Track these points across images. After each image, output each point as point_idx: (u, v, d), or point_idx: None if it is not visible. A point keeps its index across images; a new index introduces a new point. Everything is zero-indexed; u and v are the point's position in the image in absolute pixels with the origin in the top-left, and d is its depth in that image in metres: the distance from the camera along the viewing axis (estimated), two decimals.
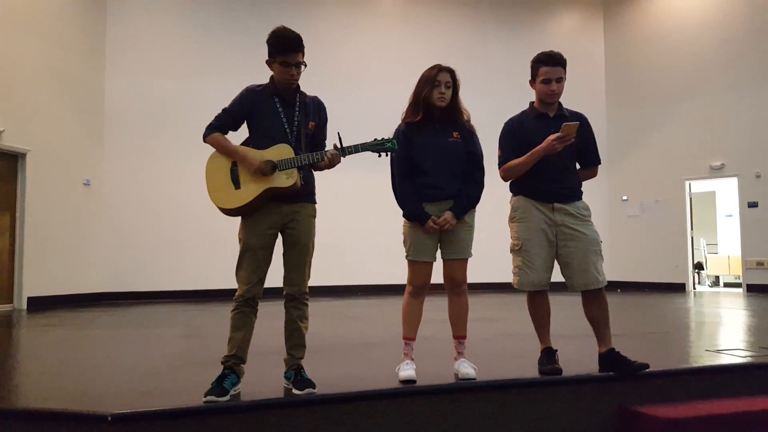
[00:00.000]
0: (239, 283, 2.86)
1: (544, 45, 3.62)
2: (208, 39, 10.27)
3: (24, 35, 8.23)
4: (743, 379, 3.37)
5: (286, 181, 2.80)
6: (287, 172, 2.81)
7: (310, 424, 2.64)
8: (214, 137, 2.90)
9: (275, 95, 2.93)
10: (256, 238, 2.84)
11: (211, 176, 2.88)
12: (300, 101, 2.97)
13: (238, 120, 2.95)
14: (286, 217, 2.88)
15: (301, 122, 2.93)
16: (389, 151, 2.95)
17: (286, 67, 2.85)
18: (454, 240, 3.11)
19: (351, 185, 10.36)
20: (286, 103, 2.93)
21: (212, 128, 2.91)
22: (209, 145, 2.92)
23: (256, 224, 2.85)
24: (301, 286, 2.93)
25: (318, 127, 3.03)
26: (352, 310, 7.57)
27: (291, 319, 2.94)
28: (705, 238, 13.63)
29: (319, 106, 3.07)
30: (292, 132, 2.91)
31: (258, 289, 2.86)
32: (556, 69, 3.19)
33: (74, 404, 2.68)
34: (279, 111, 2.91)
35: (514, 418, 2.93)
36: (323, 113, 3.08)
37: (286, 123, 2.91)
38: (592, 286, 3.14)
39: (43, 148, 8.40)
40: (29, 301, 8.11)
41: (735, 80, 10.75)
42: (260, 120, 2.92)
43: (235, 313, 2.85)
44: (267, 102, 2.92)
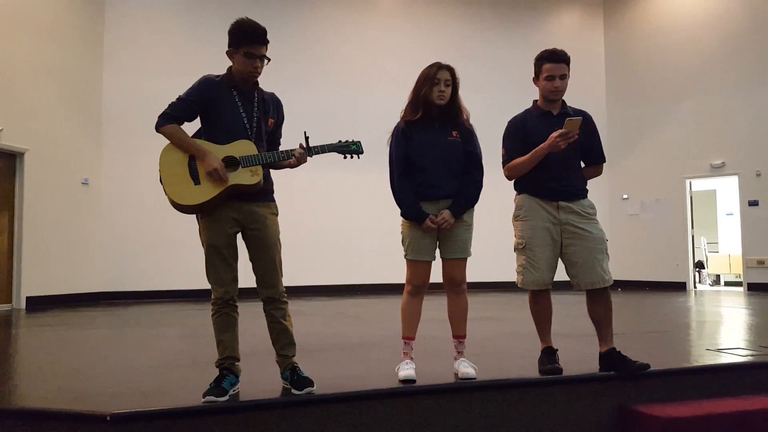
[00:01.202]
0: (213, 285, 2.78)
1: (544, 43, 3.61)
2: (205, 37, 10.24)
3: (22, 34, 8.21)
4: (744, 379, 3.36)
5: (250, 178, 2.71)
6: (252, 169, 2.71)
7: (309, 423, 2.63)
8: (171, 128, 2.72)
9: (233, 88, 2.81)
10: (219, 238, 2.75)
11: (167, 170, 2.71)
12: (258, 97, 2.87)
13: (195, 110, 2.78)
14: (246, 217, 2.78)
15: (260, 118, 2.84)
16: (354, 153, 2.93)
17: (251, 58, 2.74)
18: (453, 239, 3.10)
19: (349, 184, 10.35)
20: (245, 98, 2.82)
21: (167, 118, 2.73)
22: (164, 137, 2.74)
23: (218, 224, 2.75)
24: (278, 286, 2.86)
25: (276, 125, 2.96)
26: (352, 310, 7.56)
27: (274, 320, 2.87)
28: (706, 236, 13.62)
29: (278, 103, 2.98)
30: (252, 128, 2.81)
31: (234, 287, 2.80)
32: (559, 66, 3.18)
33: (73, 404, 2.67)
34: (238, 105, 2.80)
35: (514, 418, 2.92)
36: (281, 111, 2.99)
37: (245, 118, 2.80)
38: (598, 285, 3.13)
39: (42, 148, 8.39)
40: (28, 300, 8.10)
41: (735, 78, 10.74)
42: (217, 112, 2.78)
43: (218, 316, 2.79)
44: (225, 94, 2.80)
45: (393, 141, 3.16)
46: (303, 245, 9.68)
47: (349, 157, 2.98)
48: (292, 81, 9.58)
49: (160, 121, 2.75)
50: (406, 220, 3.13)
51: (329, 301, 8.83)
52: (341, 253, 10.58)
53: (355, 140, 2.97)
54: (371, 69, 11.20)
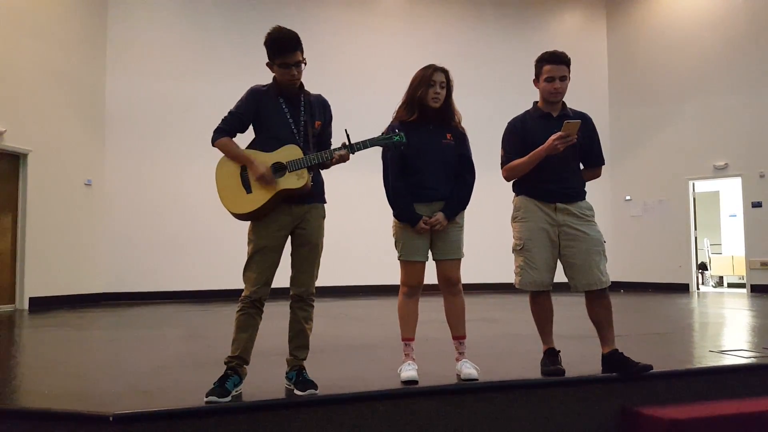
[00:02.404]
0: (246, 283, 2.84)
1: (546, 44, 3.61)
2: (208, 39, 10.26)
3: (25, 36, 8.24)
4: (747, 380, 3.35)
5: (297, 182, 2.79)
6: (298, 172, 2.80)
7: (311, 425, 2.63)
8: (223, 142, 2.86)
9: (280, 96, 2.91)
10: (267, 240, 2.83)
11: (222, 181, 2.86)
12: (305, 101, 2.96)
13: (246, 122, 2.91)
14: (297, 218, 2.87)
15: (307, 122, 2.92)
16: (397, 145, 2.93)
17: (286, 68, 2.83)
18: (447, 240, 3.10)
19: (352, 185, 10.35)
20: (291, 104, 2.92)
21: (220, 132, 2.88)
22: (218, 150, 2.89)
23: (268, 226, 2.84)
24: (310, 286, 2.92)
25: (323, 125, 3.02)
26: (354, 311, 7.56)
27: (296, 319, 2.93)
28: (709, 238, 13.59)
29: (324, 104, 3.06)
30: (299, 132, 2.90)
31: (265, 290, 2.85)
32: (559, 67, 3.18)
33: (76, 404, 2.68)
34: (285, 111, 2.90)
35: (516, 419, 2.91)
36: (328, 111, 3.07)
37: (292, 123, 2.90)
38: (596, 286, 3.13)
39: (45, 149, 8.41)
40: (31, 301, 8.12)
41: (738, 79, 10.72)
42: (266, 121, 2.90)
43: (241, 314, 2.83)
44: (272, 103, 2.90)
45: None
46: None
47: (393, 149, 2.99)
48: None
49: (214, 136, 2.90)
50: (398, 222, 3.13)
51: (332, 302, 8.83)
52: (343, 255, 10.55)
53: (398, 132, 2.97)
54: (372, 69, 11.20)
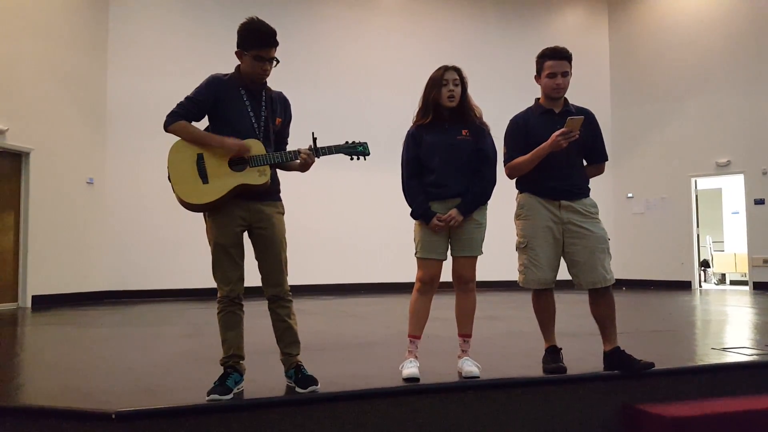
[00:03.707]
0: (220, 284, 2.80)
1: (547, 42, 3.60)
2: (209, 37, 10.25)
3: (26, 35, 8.24)
4: (749, 378, 3.35)
5: (258, 178, 2.73)
6: (260, 168, 2.73)
7: (313, 422, 2.64)
8: (181, 125, 2.74)
9: (241, 87, 2.82)
10: (228, 237, 2.77)
11: (175, 168, 2.72)
12: (266, 96, 2.88)
13: (203, 110, 2.80)
14: (253, 216, 2.81)
15: (268, 117, 2.86)
16: (360, 155, 2.94)
17: (260, 61, 2.75)
18: (464, 237, 3.10)
19: (353, 183, 10.35)
20: (252, 97, 2.84)
21: (176, 116, 2.75)
22: (174, 135, 2.76)
23: (227, 223, 2.77)
24: (284, 284, 2.88)
25: (284, 124, 2.96)
26: (355, 309, 7.56)
27: (279, 318, 2.88)
28: (711, 235, 13.56)
29: (285, 102, 2.99)
30: (260, 127, 2.83)
31: (240, 286, 2.82)
32: (561, 63, 3.17)
33: (78, 402, 2.69)
34: (246, 104, 2.81)
35: (518, 417, 2.91)
36: (289, 110, 3.01)
37: (253, 117, 2.82)
38: (600, 284, 3.12)
39: (47, 147, 8.42)
40: (33, 299, 8.13)
41: (741, 76, 10.69)
42: (225, 112, 2.79)
43: (223, 314, 2.80)
44: (233, 93, 2.81)
45: (404, 145, 3.20)
46: (307, 244, 9.67)
47: (355, 158, 2.99)
48: (293, 80, 9.55)
49: (168, 120, 2.77)
50: (415, 219, 3.14)
51: (333, 300, 8.83)
52: (345, 253, 10.58)
53: (362, 141, 2.98)
54: (373, 68, 11.18)
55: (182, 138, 2.76)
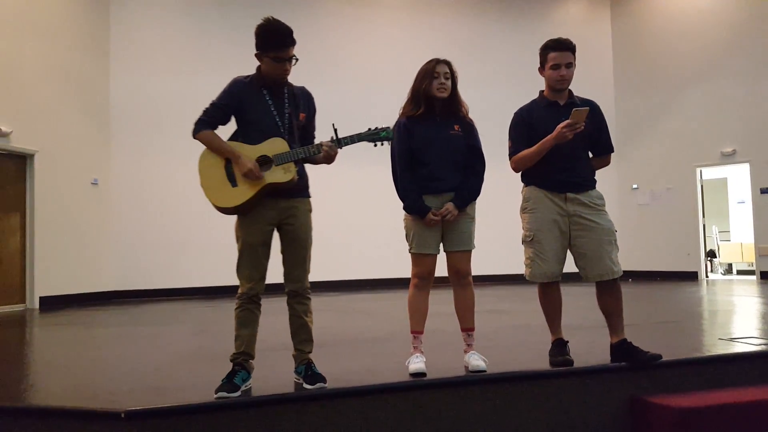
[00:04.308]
0: (241, 280, 2.85)
1: (550, 33, 3.58)
2: (211, 36, 10.25)
3: (28, 36, 8.26)
4: (757, 368, 3.33)
5: (283, 176, 2.76)
6: (284, 166, 2.76)
7: (321, 418, 2.64)
8: (206, 134, 2.80)
9: (263, 87, 2.85)
10: (255, 236, 2.81)
11: (206, 174, 2.80)
12: (288, 92, 2.90)
13: (228, 114, 2.84)
14: (283, 213, 2.85)
15: (291, 114, 2.87)
16: (384, 140, 2.92)
17: (279, 62, 2.78)
18: (457, 232, 3.10)
19: (358, 178, 10.35)
20: (275, 96, 2.86)
21: (202, 124, 2.82)
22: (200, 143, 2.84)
23: (254, 221, 2.81)
24: (304, 281, 2.92)
25: (308, 118, 2.98)
26: (361, 305, 7.57)
27: (296, 314, 2.92)
28: (717, 225, 13.50)
29: (308, 96, 3.01)
30: (284, 125, 2.85)
31: (261, 285, 2.85)
32: (565, 54, 3.15)
33: (88, 402, 2.71)
34: (269, 104, 2.84)
35: (525, 410, 2.91)
36: (312, 104, 3.02)
37: (277, 116, 2.84)
38: (607, 276, 3.11)
39: (51, 149, 8.44)
40: (41, 300, 8.17)
41: (745, 65, 10.61)
42: (249, 113, 2.84)
43: (240, 310, 2.84)
44: (256, 94, 2.84)
45: (395, 136, 3.14)
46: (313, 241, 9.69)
47: (379, 144, 2.98)
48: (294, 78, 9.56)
49: (195, 128, 2.84)
50: (408, 214, 3.13)
51: (339, 296, 8.85)
52: (351, 249, 10.58)
53: (384, 126, 2.95)
54: (374, 64, 11.15)
55: (207, 147, 2.83)
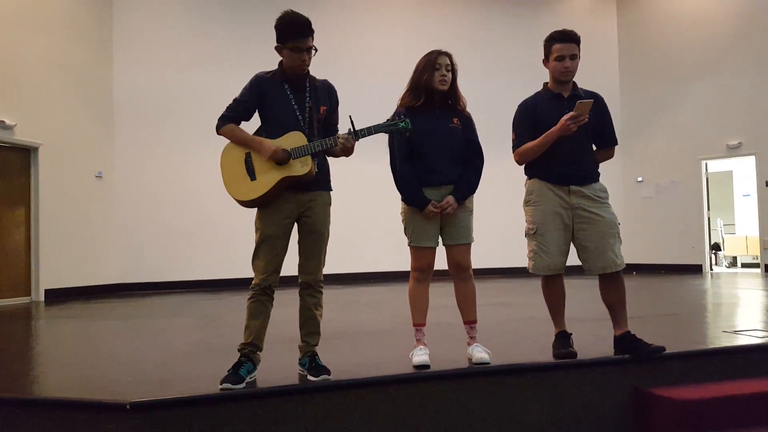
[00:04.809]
0: (256, 272, 2.86)
1: (555, 25, 3.56)
2: (214, 29, 10.22)
3: (32, 31, 8.26)
4: (761, 360, 3.33)
5: (301, 168, 2.78)
6: (302, 159, 2.79)
7: (325, 410, 2.66)
8: (229, 128, 2.86)
9: (285, 81, 2.88)
10: (274, 228, 2.83)
11: (227, 169, 2.85)
12: (310, 86, 2.93)
13: (251, 109, 2.90)
14: (302, 206, 2.87)
15: (312, 108, 2.89)
16: (402, 131, 2.91)
17: (298, 52, 2.80)
18: (457, 225, 3.10)
19: (362, 172, 10.32)
20: (296, 89, 2.89)
21: (225, 119, 2.87)
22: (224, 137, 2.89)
23: (274, 214, 2.84)
24: (317, 274, 2.94)
25: (329, 111, 2.99)
26: (365, 297, 7.59)
27: (306, 306, 2.94)
28: (722, 218, 13.45)
29: (330, 89, 3.02)
30: (304, 118, 2.87)
31: (274, 277, 2.86)
32: (569, 45, 3.14)
33: (93, 393, 2.73)
34: (290, 98, 2.87)
35: (528, 402, 2.92)
36: (334, 97, 3.03)
37: (297, 110, 2.87)
38: (610, 269, 3.11)
39: (55, 142, 8.46)
40: (46, 293, 8.22)
41: (750, 58, 10.52)
42: (271, 108, 2.88)
43: (252, 301, 2.85)
44: (277, 89, 2.87)
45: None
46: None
47: (398, 136, 2.98)
48: None
49: (218, 123, 2.89)
50: (406, 207, 3.13)
51: (343, 289, 8.87)
52: (354, 242, 10.59)
53: (403, 118, 2.94)
54: (379, 57, 11.11)
55: (230, 141, 2.87)
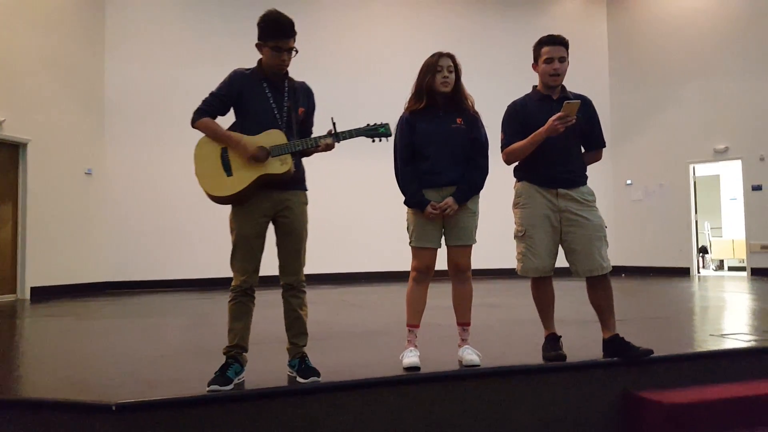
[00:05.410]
0: (235, 273, 2.84)
1: (546, 28, 3.58)
2: (206, 27, 10.17)
3: (23, 26, 8.17)
4: (747, 364, 3.36)
5: (280, 167, 2.76)
6: (281, 158, 2.76)
7: (314, 411, 2.64)
8: (205, 122, 2.81)
9: (264, 80, 2.85)
10: (250, 227, 2.80)
11: (201, 163, 2.80)
12: (289, 86, 2.91)
13: (228, 104, 2.85)
14: (278, 205, 2.84)
15: (291, 108, 2.88)
16: (382, 136, 2.93)
17: (278, 52, 2.78)
18: (458, 226, 3.09)
19: (353, 172, 10.33)
20: (275, 88, 2.87)
21: (201, 113, 2.82)
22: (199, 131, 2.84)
23: (249, 213, 2.80)
24: (299, 274, 2.92)
25: (307, 113, 2.98)
26: (355, 298, 7.57)
27: (291, 308, 2.92)
28: (709, 221, 13.58)
29: (308, 92, 3.01)
30: (282, 118, 2.85)
31: (254, 278, 2.84)
32: (557, 48, 3.16)
33: (79, 394, 2.69)
34: (268, 96, 2.84)
35: (518, 405, 2.93)
36: (312, 100, 3.02)
37: (275, 108, 2.85)
38: (597, 272, 3.13)
39: (45, 138, 8.38)
40: (32, 291, 8.13)
41: (739, 62, 10.64)
42: (249, 105, 2.84)
43: (234, 303, 2.83)
44: (256, 86, 2.85)
45: (397, 131, 3.17)
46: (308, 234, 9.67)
47: (377, 140, 2.99)
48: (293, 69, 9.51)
49: (194, 116, 2.84)
50: (409, 208, 3.13)
51: (333, 289, 8.85)
52: (344, 242, 10.57)
53: (383, 123, 2.95)
54: (373, 57, 11.11)
55: (206, 135, 2.82)
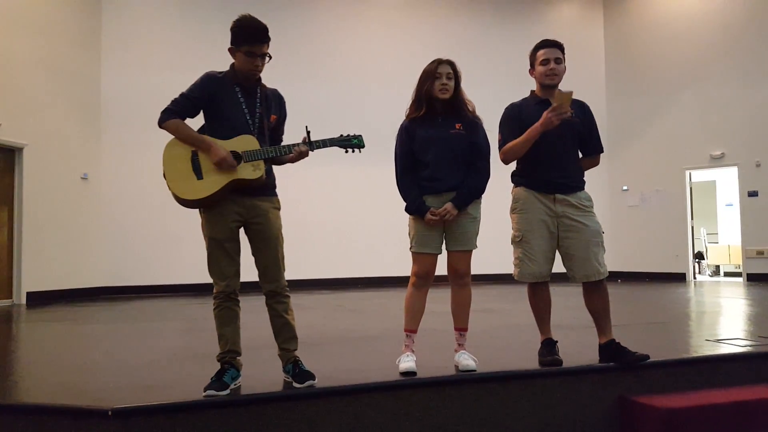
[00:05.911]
0: (216, 279, 2.80)
1: (543, 35, 3.60)
2: (203, 32, 10.19)
3: (20, 30, 8.18)
4: (743, 369, 3.37)
5: (253, 173, 2.73)
6: (254, 163, 2.74)
7: (310, 416, 2.64)
8: (175, 123, 2.74)
9: (236, 84, 2.83)
10: (222, 232, 2.77)
11: (170, 165, 2.73)
12: (261, 93, 2.89)
13: (198, 106, 2.80)
14: (249, 211, 2.80)
15: (263, 114, 2.86)
16: (355, 147, 2.95)
17: (251, 57, 2.75)
18: (458, 232, 3.10)
19: (350, 178, 10.35)
20: (247, 94, 2.84)
21: (170, 113, 2.76)
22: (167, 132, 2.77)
23: (221, 217, 2.76)
24: (281, 280, 2.87)
25: (278, 121, 2.97)
26: (352, 303, 7.57)
27: (277, 314, 2.89)
28: (705, 227, 13.63)
29: (280, 100, 3.00)
30: (254, 123, 2.83)
31: (236, 281, 2.82)
32: (553, 50, 3.20)
33: (75, 399, 2.69)
34: (240, 101, 2.82)
35: (514, 410, 2.93)
36: (284, 108, 3.01)
37: (248, 114, 2.82)
38: (594, 277, 3.13)
39: (41, 143, 8.37)
40: (28, 296, 8.11)
41: (735, 69, 10.70)
42: (220, 109, 2.80)
43: (219, 309, 2.80)
44: (228, 90, 2.81)
45: (397, 139, 3.19)
46: (303, 239, 9.68)
47: (351, 151, 3.00)
48: (290, 75, 9.54)
49: (162, 116, 2.77)
50: (409, 214, 3.15)
51: (330, 294, 8.84)
52: (342, 247, 10.58)
53: (357, 134, 2.98)
54: (370, 63, 11.15)
55: (175, 137, 2.77)
